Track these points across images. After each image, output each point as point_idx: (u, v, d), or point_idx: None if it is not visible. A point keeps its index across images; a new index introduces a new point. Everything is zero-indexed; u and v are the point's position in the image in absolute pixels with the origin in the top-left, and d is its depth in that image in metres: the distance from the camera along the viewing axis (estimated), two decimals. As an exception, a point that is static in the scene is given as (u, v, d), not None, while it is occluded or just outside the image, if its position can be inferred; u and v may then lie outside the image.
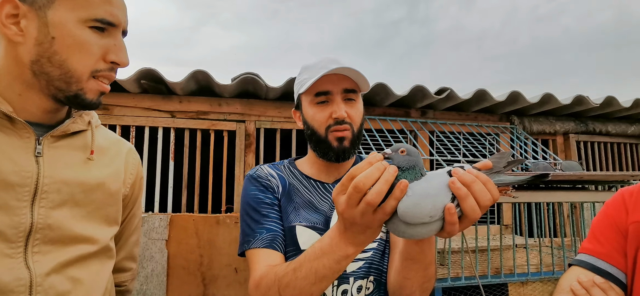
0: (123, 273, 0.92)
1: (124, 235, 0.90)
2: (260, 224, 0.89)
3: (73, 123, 0.73)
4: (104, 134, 0.84)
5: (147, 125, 2.25)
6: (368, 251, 0.92)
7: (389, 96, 2.41)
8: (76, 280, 0.70)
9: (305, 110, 0.97)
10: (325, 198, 0.96)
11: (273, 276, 0.76)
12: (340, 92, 0.93)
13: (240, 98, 2.39)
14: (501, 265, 1.86)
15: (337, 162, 0.95)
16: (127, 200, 0.87)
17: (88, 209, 0.73)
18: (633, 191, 0.83)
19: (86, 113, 0.77)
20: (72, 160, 0.72)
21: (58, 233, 0.68)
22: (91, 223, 0.73)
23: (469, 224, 0.58)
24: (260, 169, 1.01)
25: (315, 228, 0.91)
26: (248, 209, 0.93)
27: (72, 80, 0.65)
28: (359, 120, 0.96)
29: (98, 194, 0.74)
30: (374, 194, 0.55)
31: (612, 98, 2.67)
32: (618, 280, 0.78)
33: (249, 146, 2.36)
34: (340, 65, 0.89)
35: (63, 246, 0.68)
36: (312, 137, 0.95)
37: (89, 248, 0.72)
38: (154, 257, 2.12)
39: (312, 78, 0.90)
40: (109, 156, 0.80)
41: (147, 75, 2.06)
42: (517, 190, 1.61)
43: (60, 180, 0.68)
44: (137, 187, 0.89)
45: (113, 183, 0.78)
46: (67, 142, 0.72)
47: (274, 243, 0.86)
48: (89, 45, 0.64)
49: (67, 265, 0.68)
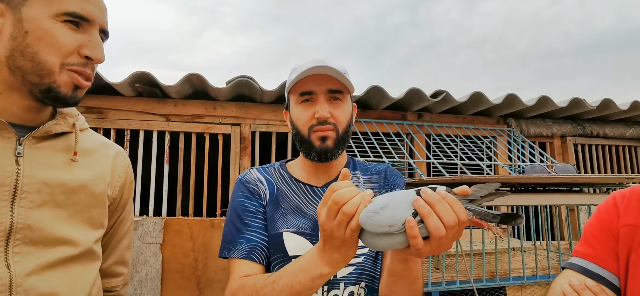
0: (114, 279, 0.91)
1: (114, 239, 0.90)
2: (242, 233, 0.90)
3: (56, 124, 0.73)
4: (91, 137, 0.83)
5: (141, 129, 2.25)
6: (359, 256, 0.91)
7: (384, 99, 2.40)
8: (57, 282, 0.69)
9: (291, 110, 0.97)
10: (313, 202, 0.95)
11: (252, 287, 0.78)
12: (325, 92, 0.93)
13: (235, 101, 2.39)
14: (497, 269, 1.85)
15: (320, 162, 0.95)
16: (116, 203, 0.86)
17: (70, 211, 0.72)
18: (625, 194, 0.83)
19: (70, 115, 0.77)
20: (54, 161, 0.72)
21: (38, 234, 0.67)
22: (74, 225, 0.72)
23: (439, 246, 0.58)
24: (249, 173, 1.01)
25: (302, 233, 0.90)
26: (233, 215, 0.93)
27: (44, 73, 0.65)
28: (345, 121, 0.95)
29: (81, 196, 0.74)
30: (349, 205, 0.59)
31: (609, 101, 2.66)
32: (610, 283, 0.77)
33: (244, 149, 2.36)
34: (324, 65, 0.88)
35: (44, 247, 0.68)
36: (296, 136, 0.96)
37: (70, 251, 0.71)
38: (148, 261, 2.10)
39: (297, 79, 0.90)
40: (94, 158, 0.80)
41: (141, 79, 2.06)
42: (513, 192, 1.60)
43: (40, 180, 0.68)
44: (126, 190, 0.88)
45: (97, 185, 0.78)
46: (50, 144, 0.72)
47: (252, 253, 0.87)
48: (60, 38, 0.65)
49: (48, 267, 0.68)
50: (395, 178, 1.05)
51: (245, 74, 2.17)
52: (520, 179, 1.37)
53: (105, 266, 0.88)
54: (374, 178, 1.04)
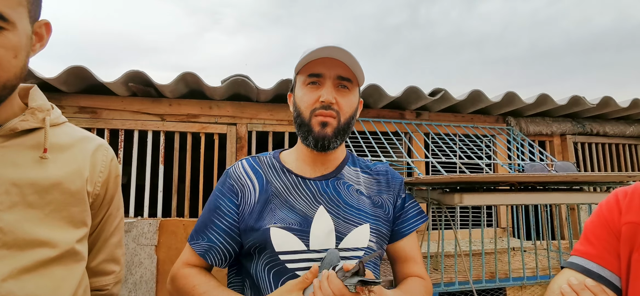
0: (104, 277, 0.88)
1: (102, 237, 0.86)
2: (206, 230, 0.94)
3: (22, 121, 0.70)
4: (67, 131, 0.80)
5: (136, 129, 2.22)
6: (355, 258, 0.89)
7: (382, 98, 2.38)
8: (36, 285, 0.66)
9: (296, 91, 0.95)
10: (303, 196, 0.93)
11: (191, 285, 0.88)
12: (333, 78, 0.91)
13: (231, 100, 2.36)
14: (496, 269, 1.82)
15: (317, 150, 0.93)
16: (100, 200, 0.83)
17: (45, 211, 0.69)
18: (628, 191, 0.80)
19: (40, 110, 0.73)
20: (22, 160, 0.68)
21: (11, 237, 0.64)
22: (50, 225, 0.70)
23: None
24: (237, 166, 1.00)
25: (290, 229, 0.88)
26: (207, 206, 0.98)
27: None
28: (349, 111, 0.93)
29: (55, 194, 0.71)
30: None
31: (609, 99, 2.64)
32: (611, 283, 0.74)
33: (241, 149, 2.33)
34: (338, 47, 0.86)
35: (19, 250, 0.65)
36: (296, 119, 0.94)
37: (48, 253, 0.68)
38: (142, 263, 2.08)
39: (308, 59, 0.89)
40: (70, 154, 0.76)
41: (135, 78, 2.03)
42: (514, 191, 1.58)
43: (8, 180, 0.66)
44: (111, 185, 0.85)
45: (73, 182, 0.74)
46: (19, 141, 0.69)
47: (207, 254, 0.93)
48: None
49: (25, 270, 0.65)
50: (396, 180, 1.04)
51: (240, 73, 2.14)
52: (519, 178, 1.35)
53: (94, 265, 0.85)
54: (375, 179, 1.02)
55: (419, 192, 1.58)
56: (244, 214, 0.92)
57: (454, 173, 2.62)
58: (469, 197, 1.35)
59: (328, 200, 0.92)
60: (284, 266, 0.85)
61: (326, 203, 0.92)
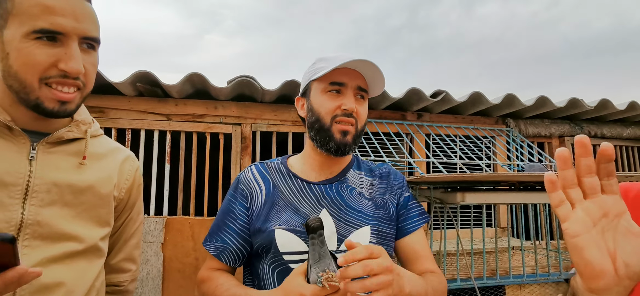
0: (122, 274, 0.96)
1: (123, 237, 0.95)
2: (219, 232, 0.99)
3: (68, 131, 0.79)
4: (103, 143, 0.90)
5: (142, 128, 2.25)
6: None
7: (384, 99, 2.42)
8: (62, 273, 0.74)
9: (313, 97, 0.98)
10: (307, 198, 0.97)
11: (214, 285, 0.93)
12: (354, 88, 0.95)
13: (236, 101, 2.40)
14: (497, 267, 1.86)
15: (336, 156, 0.97)
16: (124, 204, 0.91)
17: (78, 210, 0.78)
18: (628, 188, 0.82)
19: (84, 123, 0.83)
20: (65, 165, 0.78)
21: (46, 230, 0.73)
22: (80, 222, 0.78)
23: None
24: (247, 172, 1.05)
25: (294, 230, 0.92)
26: (220, 210, 1.03)
27: (28, 90, 0.69)
28: (363, 120, 0.99)
29: (88, 196, 0.80)
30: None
31: (607, 101, 2.68)
32: None
33: (245, 149, 2.37)
34: (369, 61, 0.90)
35: (51, 242, 0.73)
36: (314, 124, 0.96)
37: (76, 246, 0.76)
38: (149, 260, 2.11)
39: (331, 66, 0.91)
40: (104, 162, 0.86)
41: (143, 78, 2.06)
42: (512, 190, 1.62)
43: (50, 181, 0.74)
44: (134, 192, 0.94)
45: (103, 187, 0.83)
46: (63, 148, 0.79)
47: (221, 254, 0.98)
48: (33, 56, 0.68)
49: (54, 259, 0.73)
50: (398, 179, 1.08)
51: (246, 74, 2.18)
52: (520, 177, 1.39)
53: (114, 262, 0.94)
54: (378, 180, 1.05)
55: (422, 190, 1.62)
56: (253, 216, 0.97)
57: (454, 172, 2.66)
58: (471, 196, 1.39)
59: (330, 203, 0.96)
60: (287, 266, 0.89)
61: (329, 206, 0.96)
